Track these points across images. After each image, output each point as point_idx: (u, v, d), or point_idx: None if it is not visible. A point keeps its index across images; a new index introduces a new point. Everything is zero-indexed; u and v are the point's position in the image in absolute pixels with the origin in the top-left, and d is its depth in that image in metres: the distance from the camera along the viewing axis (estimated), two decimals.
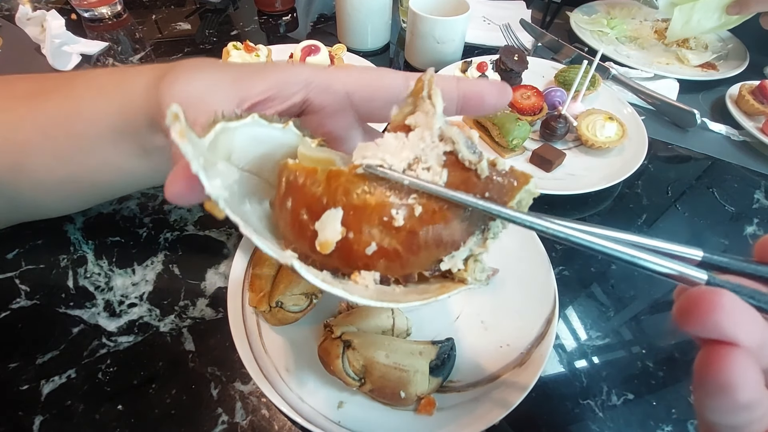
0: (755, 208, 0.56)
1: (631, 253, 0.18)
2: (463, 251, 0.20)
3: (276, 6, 0.85)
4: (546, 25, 0.90)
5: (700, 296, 0.15)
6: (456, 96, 0.25)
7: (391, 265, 0.20)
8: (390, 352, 0.33)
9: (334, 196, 0.20)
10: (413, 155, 0.19)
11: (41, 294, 0.41)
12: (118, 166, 0.35)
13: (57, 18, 0.69)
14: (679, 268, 0.17)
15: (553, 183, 0.55)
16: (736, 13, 0.69)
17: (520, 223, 0.19)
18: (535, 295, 0.41)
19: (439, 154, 0.19)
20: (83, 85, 0.33)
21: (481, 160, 0.19)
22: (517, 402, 0.33)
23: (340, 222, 0.20)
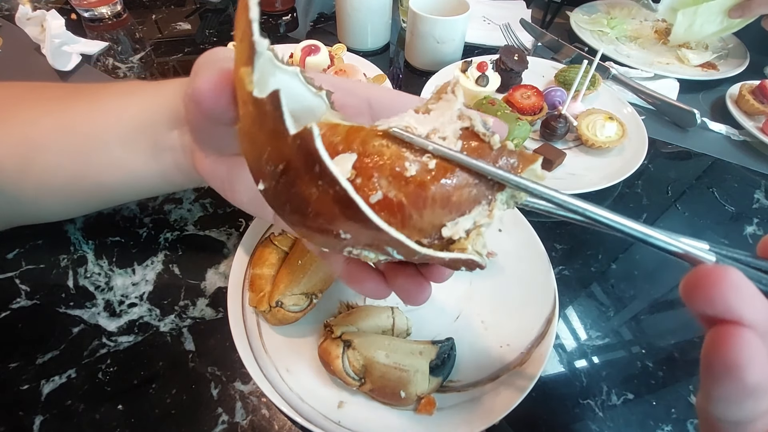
0: (755, 207, 0.56)
1: (644, 231, 0.18)
2: (467, 218, 0.20)
3: (276, 6, 0.85)
4: (546, 24, 0.90)
5: (707, 271, 0.15)
6: None
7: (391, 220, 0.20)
8: (390, 352, 0.33)
9: (350, 145, 0.20)
10: (431, 127, 0.21)
11: (41, 294, 0.41)
12: (126, 167, 0.35)
13: (57, 18, 0.69)
14: (689, 248, 0.18)
15: (554, 183, 0.55)
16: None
17: (530, 191, 0.19)
18: (535, 295, 0.41)
19: (455, 129, 0.20)
20: (115, 89, 0.35)
21: (494, 134, 0.20)
22: (517, 402, 0.33)
23: (352, 165, 0.19)
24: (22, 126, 0.33)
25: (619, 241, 0.51)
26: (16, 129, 0.33)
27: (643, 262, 0.48)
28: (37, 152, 0.34)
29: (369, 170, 0.19)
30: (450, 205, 0.20)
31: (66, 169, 0.34)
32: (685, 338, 0.42)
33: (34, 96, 0.36)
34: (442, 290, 0.42)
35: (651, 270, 0.48)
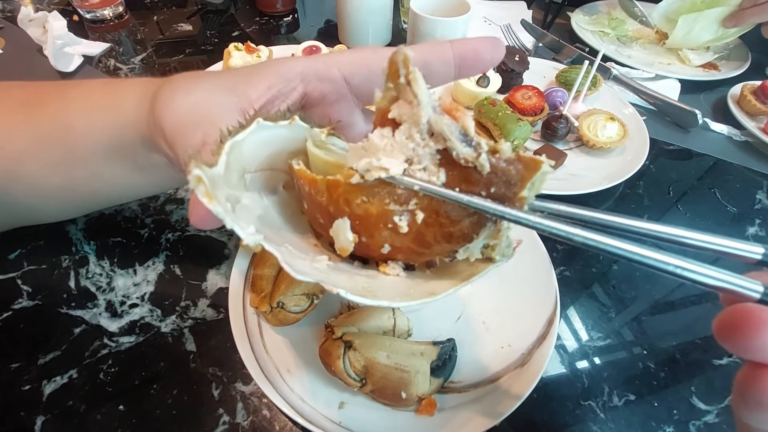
0: (757, 208, 0.55)
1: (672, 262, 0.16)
2: (477, 243, 0.20)
3: (277, 7, 0.85)
4: (547, 25, 0.90)
5: (745, 314, 0.14)
6: (452, 57, 0.25)
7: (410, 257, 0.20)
8: (391, 353, 0.33)
9: (338, 207, 0.20)
10: (404, 157, 0.18)
11: (43, 294, 0.42)
12: (113, 179, 0.34)
13: (59, 19, 0.69)
14: (731, 279, 0.15)
15: (555, 183, 0.55)
16: (733, 26, 0.70)
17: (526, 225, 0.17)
18: (536, 296, 0.40)
19: (432, 153, 0.18)
20: (77, 98, 0.33)
21: (479, 153, 0.17)
22: (519, 403, 0.33)
23: (350, 229, 0.20)
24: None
25: None
26: None
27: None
28: (18, 164, 0.33)
29: (367, 230, 0.19)
30: (453, 239, 0.19)
31: (54, 178, 0.34)
32: (687, 339, 0.42)
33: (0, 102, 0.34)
34: None
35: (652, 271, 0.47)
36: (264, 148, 0.21)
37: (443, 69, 0.25)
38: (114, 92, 0.31)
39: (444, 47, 0.25)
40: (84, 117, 0.32)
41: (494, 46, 0.25)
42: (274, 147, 0.22)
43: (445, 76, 0.26)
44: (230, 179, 0.19)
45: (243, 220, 0.17)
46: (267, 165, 0.23)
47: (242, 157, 0.20)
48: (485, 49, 0.25)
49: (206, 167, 0.16)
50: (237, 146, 0.19)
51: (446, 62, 0.25)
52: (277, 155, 0.22)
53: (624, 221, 0.17)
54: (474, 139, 0.18)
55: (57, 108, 0.32)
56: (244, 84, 0.25)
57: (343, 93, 0.26)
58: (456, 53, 0.25)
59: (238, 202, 0.19)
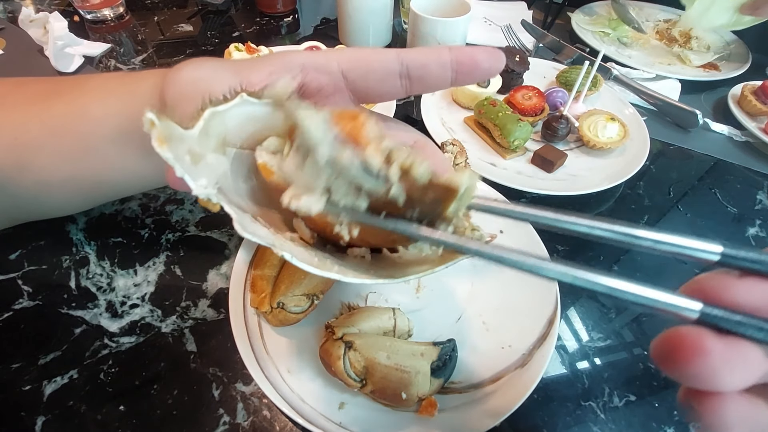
0: (758, 209, 0.55)
1: (602, 282, 0.15)
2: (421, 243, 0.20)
3: (277, 7, 0.85)
4: (547, 25, 0.90)
5: (677, 340, 0.13)
6: (449, 62, 0.25)
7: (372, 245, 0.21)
8: (391, 353, 0.33)
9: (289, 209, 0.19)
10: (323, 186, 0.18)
11: (43, 294, 0.42)
12: (123, 166, 0.35)
13: (60, 20, 0.69)
14: (666, 299, 0.14)
15: (555, 184, 0.55)
16: (749, 14, 0.68)
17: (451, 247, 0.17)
18: (536, 296, 0.40)
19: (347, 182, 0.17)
20: (93, 86, 0.34)
21: (389, 186, 0.16)
22: (519, 403, 0.33)
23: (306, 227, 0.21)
24: (11, 130, 0.33)
25: None
26: (5, 132, 0.33)
27: (645, 264, 0.48)
28: (31, 154, 0.34)
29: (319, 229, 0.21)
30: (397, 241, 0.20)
31: (63, 169, 0.34)
32: None
33: (15, 95, 0.35)
34: (443, 291, 0.42)
35: (653, 271, 0.47)
36: (250, 124, 0.21)
37: (440, 72, 0.25)
38: (131, 81, 0.32)
39: (442, 51, 0.25)
40: (99, 104, 0.32)
41: (494, 56, 0.25)
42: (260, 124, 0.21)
43: (441, 81, 0.26)
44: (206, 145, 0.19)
45: (198, 173, 0.18)
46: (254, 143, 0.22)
47: (225, 128, 0.20)
48: (483, 58, 0.25)
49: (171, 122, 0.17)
50: (218, 116, 0.19)
51: (443, 65, 0.25)
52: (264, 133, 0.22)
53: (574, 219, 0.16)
54: (381, 171, 0.16)
55: (73, 97, 0.33)
56: (248, 69, 0.26)
57: (339, 87, 0.26)
58: (454, 58, 0.25)
59: (202, 159, 0.19)
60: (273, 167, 0.20)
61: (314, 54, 0.26)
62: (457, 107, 0.66)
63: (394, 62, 0.25)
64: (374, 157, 0.16)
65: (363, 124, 0.17)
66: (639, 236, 0.15)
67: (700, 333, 0.13)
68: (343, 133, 0.16)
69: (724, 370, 0.13)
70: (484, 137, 0.60)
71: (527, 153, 0.59)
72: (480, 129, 0.61)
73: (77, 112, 0.33)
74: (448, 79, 0.25)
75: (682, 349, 0.13)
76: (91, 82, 0.34)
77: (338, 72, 0.26)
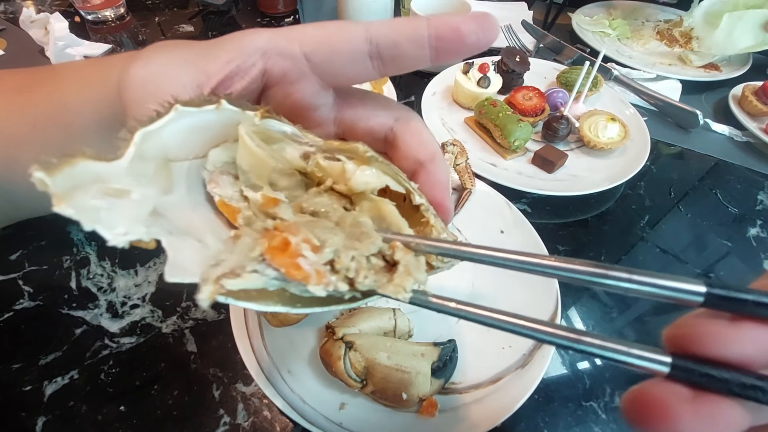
0: (759, 209, 0.55)
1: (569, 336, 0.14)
2: None
3: (278, 8, 0.85)
4: (548, 26, 0.90)
5: (645, 399, 0.13)
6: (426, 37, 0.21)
7: None
8: (392, 354, 0.33)
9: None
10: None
11: (44, 295, 0.42)
12: None
13: (60, 20, 0.70)
14: (637, 353, 0.14)
15: (555, 184, 0.55)
16: None
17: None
18: (537, 296, 0.40)
19: None
20: (69, 76, 0.32)
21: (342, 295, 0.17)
22: (520, 404, 0.33)
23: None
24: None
25: (621, 243, 0.50)
26: None
27: (645, 264, 0.48)
28: (17, 149, 0.33)
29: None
30: None
31: None
32: None
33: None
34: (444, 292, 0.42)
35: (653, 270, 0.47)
36: (195, 134, 0.19)
37: (414, 51, 0.21)
38: (104, 67, 0.30)
39: (417, 25, 0.21)
40: (75, 93, 0.31)
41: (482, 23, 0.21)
42: (209, 133, 0.20)
43: (418, 60, 0.22)
44: (142, 170, 0.17)
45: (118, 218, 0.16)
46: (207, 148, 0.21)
47: (164, 146, 0.18)
48: (470, 29, 0.21)
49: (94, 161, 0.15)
50: (152, 136, 0.17)
51: (418, 43, 0.21)
52: (215, 138, 0.21)
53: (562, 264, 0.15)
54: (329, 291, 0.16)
55: (50, 88, 0.32)
56: (204, 57, 0.23)
57: (304, 71, 0.23)
58: (432, 32, 0.21)
59: (126, 197, 0.17)
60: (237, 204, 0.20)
61: (275, 35, 0.23)
62: (458, 107, 0.66)
63: (361, 41, 0.22)
64: (317, 288, 0.16)
65: (296, 251, 0.16)
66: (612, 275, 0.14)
67: (669, 393, 0.13)
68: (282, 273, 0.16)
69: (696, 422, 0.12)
70: (484, 137, 0.60)
71: (528, 153, 0.59)
72: (480, 129, 0.61)
73: (56, 103, 0.32)
74: (426, 56, 0.22)
75: (649, 410, 0.13)
76: (65, 71, 0.33)
77: (301, 55, 0.23)
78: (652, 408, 0.13)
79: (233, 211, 0.20)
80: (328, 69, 0.24)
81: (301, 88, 0.24)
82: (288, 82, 0.24)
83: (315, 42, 0.23)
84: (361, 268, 0.17)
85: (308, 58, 0.23)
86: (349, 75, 0.24)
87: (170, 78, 0.23)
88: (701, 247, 0.51)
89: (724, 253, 0.51)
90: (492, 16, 0.21)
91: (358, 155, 0.20)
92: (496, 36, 0.21)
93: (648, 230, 0.52)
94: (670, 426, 0.12)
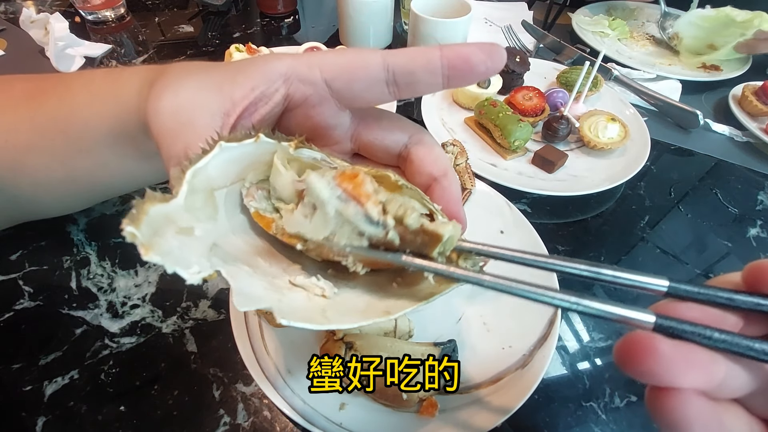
0: (759, 209, 0.55)
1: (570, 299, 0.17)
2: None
3: (278, 8, 0.85)
4: (548, 26, 0.90)
5: (634, 342, 0.15)
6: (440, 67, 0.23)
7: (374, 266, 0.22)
8: (392, 354, 0.33)
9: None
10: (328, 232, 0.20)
11: (44, 295, 0.42)
12: (118, 168, 0.34)
13: (60, 21, 0.70)
14: (624, 312, 0.16)
15: (555, 184, 0.55)
16: (745, 53, 0.73)
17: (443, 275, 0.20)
18: None
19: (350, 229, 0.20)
20: (79, 87, 0.33)
21: (387, 232, 0.20)
22: (520, 404, 0.33)
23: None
24: (2, 132, 0.33)
25: (621, 243, 0.50)
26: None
27: (645, 264, 0.48)
28: (24, 155, 0.33)
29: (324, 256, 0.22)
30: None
31: (57, 170, 0.34)
32: None
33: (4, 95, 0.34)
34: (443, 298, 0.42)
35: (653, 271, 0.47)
36: (234, 165, 0.21)
37: (428, 79, 0.23)
38: (116, 80, 0.31)
39: (431, 55, 0.23)
40: (87, 106, 0.32)
41: (491, 54, 0.23)
42: (245, 163, 0.22)
43: (432, 86, 0.24)
44: (194, 203, 0.19)
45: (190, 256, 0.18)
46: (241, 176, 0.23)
47: (209, 178, 0.20)
48: (479, 59, 0.23)
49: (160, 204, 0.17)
50: (200, 171, 0.19)
51: (432, 72, 0.23)
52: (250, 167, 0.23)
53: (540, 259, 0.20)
54: (379, 219, 0.19)
55: (60, 99, 0.33)
56: (229, 84, 0.24)
57: (324, 96, 0.25)
58: (445, 62, 0.23)
59: (191, 234, 0.19)
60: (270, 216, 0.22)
61: (296, 61, 0.25)
62: (458, 108, 0.66)
63: (379, 70, 0.24)
64: (373, 209, 0.19)
65: (361, 183, 0.20)
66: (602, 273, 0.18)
67: (652, 336, 0.15)
68: (345, 192, 0.19)
69: (673, 367, 0.15)
70: (484, 138, 0.60)
71: (528, 153, 0.59)
72: (480, 129, 0.61)
73: (66, 114, 0.32)
74: (439, 84, 0.24)
75: (637, 349, 0.15)
76: (76, 82, 0.33)
77: (321, 82, 0.24)
78: (638, 346, 0.15)
79: (268, 222, 0.22)
80: (347, 94, 0.25)
81: (321, 111, 0.26)
82: (309, 106, 0.25)
83: (335, 69, 0.24)
84: (408, 210, 0.20)
85: (328, 84, 0.24)
86: (367, 99, 0.25)
87: (199, 108, 0.23)
88: (701, 247, 0.51)
89: (724, 253, 0.51)
90: (499, 46, 0.23)
91: (389, 183, 0.22)
92: (503, 64, 0.23)
93: (648, 230, 0.52)
94: (654, 359, 0.15)
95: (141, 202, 0.16)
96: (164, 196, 0.17)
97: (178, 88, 0.25)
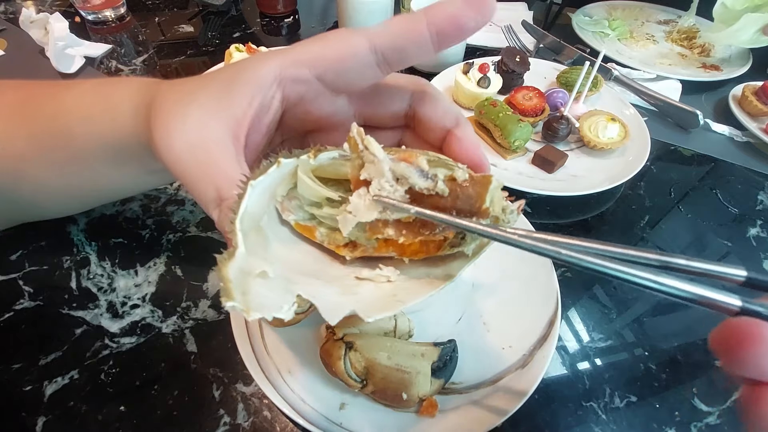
0: (759, 209, 0.55)
1: (650, 278, 0.16)
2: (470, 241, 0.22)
3: (278, 8, 0.85)
4: (548, 26, 0.90)
5: (736, 328, 0.13)
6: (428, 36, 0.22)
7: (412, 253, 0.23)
8: (392, 354, 0.33)
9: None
10: (380, 207, 0.21)
11: (44, 295, 0.42)
12: (121, 179, 0.34)
13: (60, 21, 0.69)
14: (706, 293, 0.14)
15: (555, 184, 0.55)
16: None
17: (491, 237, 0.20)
18: (537, 297, 0.40)
19: (401, 194, 0.21)
20: (71, 103, 0.32)
21: (436, 182, 0.21)
22: (520, 404, 0.33)
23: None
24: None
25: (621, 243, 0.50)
26: None
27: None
28: (24, 164, 0.33)
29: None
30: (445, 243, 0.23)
31: (58, 179, 0.34)
32: (688, 340, 0.42)
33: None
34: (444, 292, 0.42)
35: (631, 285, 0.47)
36: (265, 193, 0.22)
37: (419, 50, 0.23)
38: (107, 98, 0.30)
39: (418, 26, 0.22)
40: (82, 124, 0.31)
41: (477, 6, 0.22)
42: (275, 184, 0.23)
43: (423, 57, 0.23)
44: (251, 244, 0.20)
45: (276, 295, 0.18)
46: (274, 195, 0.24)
47: (251, 215, 0.21)
48: (468, 16, 0.22)
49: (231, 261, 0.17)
50: (244, 215, 0.20)
51: (422, 44, 0.23)
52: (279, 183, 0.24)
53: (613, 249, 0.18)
54: (429, 172, 0.21)
55: (54, 112, 0.32)
56: (226, 101, 0.24)
57: (319, 90, 0.25)
58: (433, 30, 0.22)
59: (267, 276, 0.19)
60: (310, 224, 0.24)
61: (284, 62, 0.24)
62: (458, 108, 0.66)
63: (367, 54, 0.23)
64: (423, 162, 0.21)
65: (410, 154, 0.21)
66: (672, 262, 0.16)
67: (757, 322, 0.13)
68: (397, 157, 0.21)
69: None
70: (484, 138, 0.60)
71: (528, 153, 0.59)
72: (480, 129, 0.61)
73: (62, 131, 0.31)
74: (431, 51, 0.23)
75: (739, 336, 0.13)
76: (66, 96, 0.32)
77: (313, 79, 0.24)
78: (742, 333, 0.13)
79: (310, 230, 0.24)
80: (341, 84, 0.25)
81: (319, 104, 0.26)
82: (306, 102, 0.26)
83: (324, 64, 0.24)
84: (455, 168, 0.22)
85: (320, 79, 0.24)
86: (360, 83, 0.25)
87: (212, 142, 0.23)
88: (701, 247, 0.51)
89: (725, 253, 0.51)
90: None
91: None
92: (493, 11, 0.23)
93: (648, 230, 0.52)
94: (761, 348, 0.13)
95: (218, 270, 0.17)
96: (228, 252, 0.18)
97: (185, 116, 0.24)
